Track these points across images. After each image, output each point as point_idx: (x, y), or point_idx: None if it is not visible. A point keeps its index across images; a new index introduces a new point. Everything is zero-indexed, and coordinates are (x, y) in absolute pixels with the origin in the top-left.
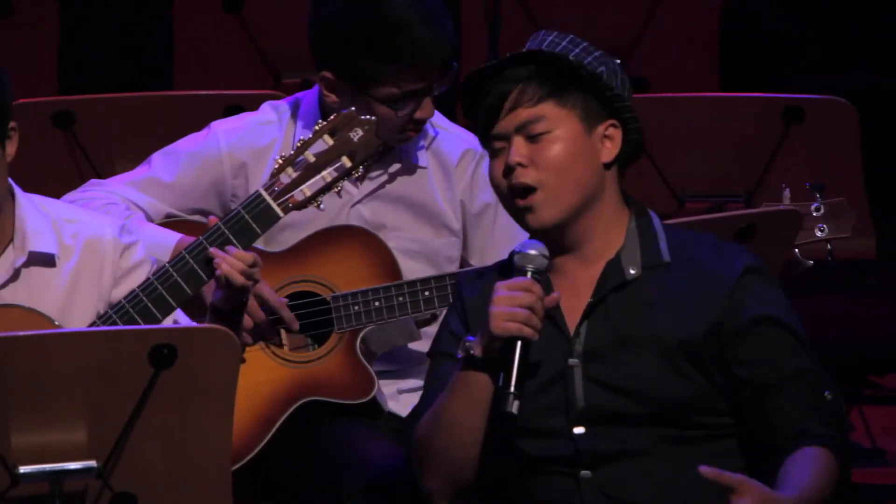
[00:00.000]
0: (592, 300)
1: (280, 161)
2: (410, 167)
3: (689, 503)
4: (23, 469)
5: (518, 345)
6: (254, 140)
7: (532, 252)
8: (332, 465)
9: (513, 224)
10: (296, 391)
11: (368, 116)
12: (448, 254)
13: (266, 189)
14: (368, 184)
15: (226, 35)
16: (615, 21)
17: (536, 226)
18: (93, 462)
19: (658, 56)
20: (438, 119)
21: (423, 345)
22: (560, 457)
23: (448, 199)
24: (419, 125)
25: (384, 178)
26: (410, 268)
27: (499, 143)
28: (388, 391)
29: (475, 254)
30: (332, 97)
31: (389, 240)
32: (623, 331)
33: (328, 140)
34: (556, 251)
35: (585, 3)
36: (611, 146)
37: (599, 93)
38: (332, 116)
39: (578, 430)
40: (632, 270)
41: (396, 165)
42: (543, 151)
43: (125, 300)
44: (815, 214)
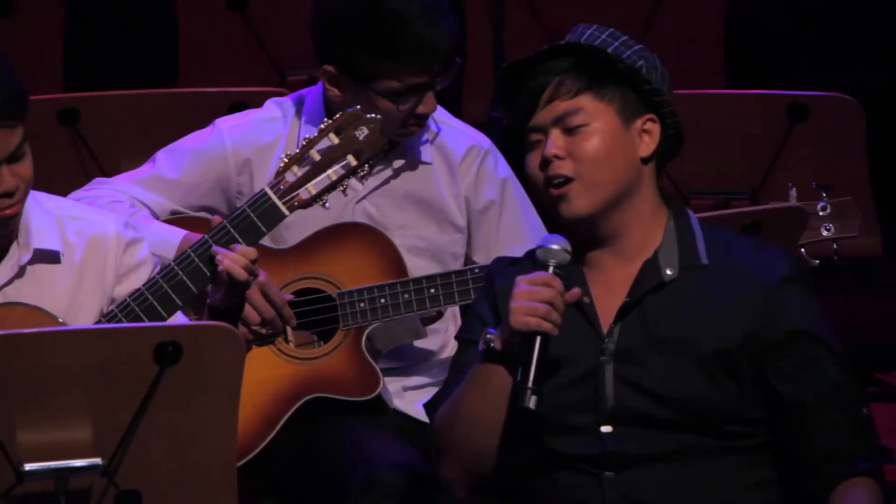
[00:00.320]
0: (628, 300)
1: (285, 160)
2: (415, 163)
3: None
4: (28, 466)
5: (537, 340)
6: (258, 137)
7: (554, 247)
8: (337, 462)
9: (518, 222)
10: (301, 388)
11: (374, 115)
12: (453, 250)
13: (272, 187)
14: (373, 180)
15: (230, 32)
16: (619, 18)
17: (570, 215)
18: (98, 459)
19: (662, 54)
20: (443, 115)
21: (429, 342)
22: (585, 455)
23: (453, 196)
24: (421, 120)
25: (389, 175)
26: (416, 265)
27: (535, 136)
28: (394, 388)
29: (479, 251)
30: (335, 91)
31: (395, 237)
32: (658, 333)
33: (334, 138)
34: (591, 244)
35: (589, 1)
36: (648, 140)
37: (638, 87)
38: (338, 115)
39: (606, 429)
40: (668, 271)
41: (401, 161)
42: (580, 144)
43: (130, 298)
44: (822, 214)
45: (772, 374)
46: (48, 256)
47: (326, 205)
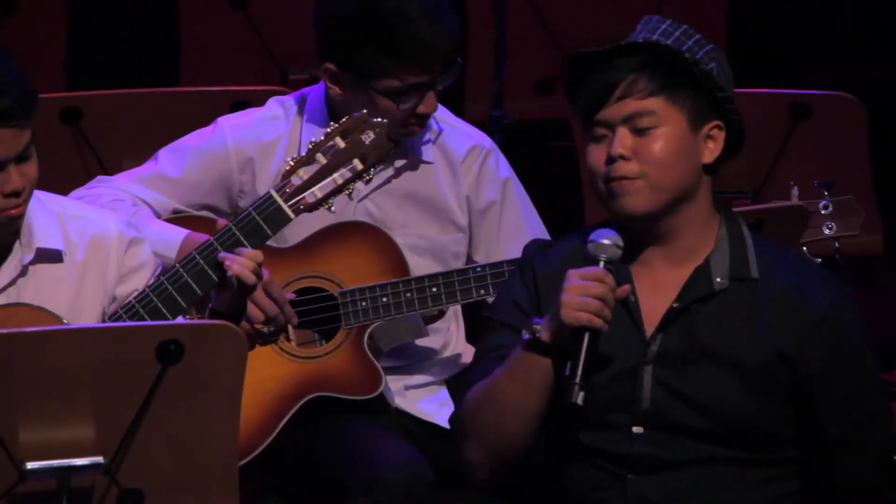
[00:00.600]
0: (677, 305)
1: (291, 163)
2: (417, 163)
3: None
4: (30, 465)
5: (587, 335)
6: (260, 135)
7: (606, 242)
8: (339, 461)
9: (518, 221)
10: (303, 387)
11: (381, 119)
12: (455, 250)
13: (277, 190)
14: (375, 179)
15: (233, 31)
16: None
17: (627, 211)
18: (100, 458)
19: None
20: (445, 115)
21: (431, 341)
22: (613, 453)
23: (454, 195)
24: (422, 120)
25: (391, 174)
26: (417, 264)
27: (601, 130)
28: (396, 387)
29: (480, 250)
30: (336, 90)
31: (396, 236)
32: (702, 342)
33: (340, 142)
34: (642, 243)
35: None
36: (713, 147)
37: (709, 92)
38: (345, 119)
39: (637, 430)
40: (719, 279)
41: (402, 161)
42: (648, 145)
43: (135, 300)
44: (824, 212)
45: (811, 399)
46: (51, 256)
47: (332, 208)
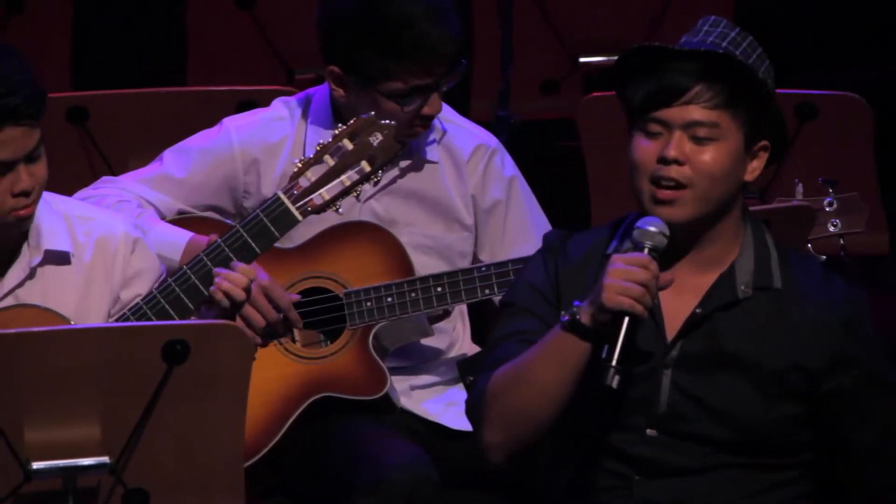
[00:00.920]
0: (700, 311)
1: (299, 164)
2: (422, 162)
3: None
4: (36, 465)
5: (626, 320)
6: (266, 136)
7: (652, 229)
8: (344, 462)
9: (523, 221)
10: (308, 387)
11: (388, 121)
12: (461, 249)
13: (285, 192)
14: (380, 179)
15: (239, 31)
16: (627, 18)
17: (668, 218)
18: (106, 458)
19: None
20: (449, 114)
21: (436, 341)
22: (624, 454)
23: (460, 194)
24: (426, 121)
25: (396, 174)
26: (423, 263)
27: (657, 127)
28: (401, 387)
29: (485, 250)
30: (340, 91)
31: (402, 235)
32: (723, 350)
33: (348, 144)
34: (669, 246)
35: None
36: (756, 165)
37: (767, 113)
38: (352, 120)
39: (651, 433)
40: (742, 287)
41: (408, 161)
42: (704, 156)
43: (142, 301)
44: (828, 209)
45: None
46: (58, 257)
47: (340, 210)
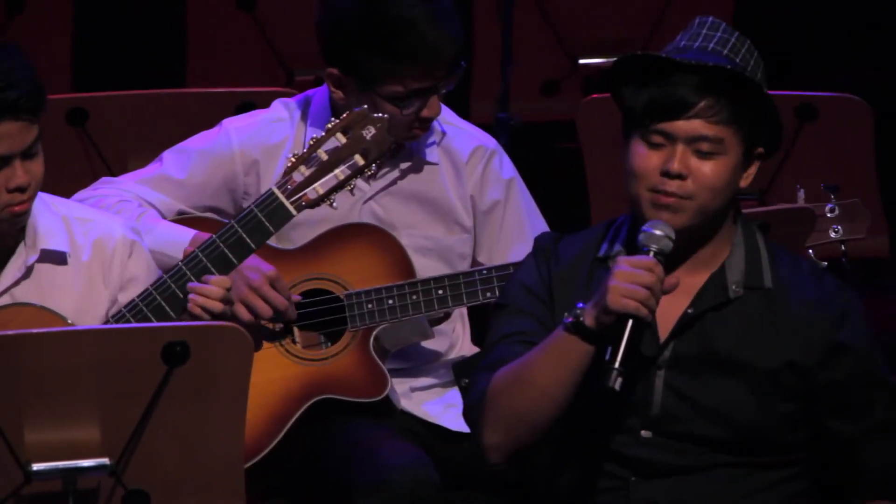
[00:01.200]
0: (691, 311)
1: (293, 159)
2: (422, 164)
3: None
4: (36, 466)
5: (630, 323)
6: (265, 137)
7: (658, 232)
8: (345, 463)
9: (520, 221)
10: (309, 389)
11: (381, 114)
12: (460, 251)
13: (279, 187)
14: (380, 181)
15: (239, 32)
16: (627, 18)
17: (671, 224)
18: (106, 459)
19: None
20: (449, 116)
21: (436, 343)
22: (620, 456)
23: (459, 196)
24: (425, 124)
25: (396, 175)
26: (423, 265)
27: (659, 138)
28: (401, 389)
29: (483, 251)
30: (339, 93)
31: (401, 237)
32: (715, 350)
33: (341, 138)
34: None
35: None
36: (752, 172)
37: (766, 123)
38: (345, 114)
39: (646, 434)
40: (734, 287)
41: (408, 162)
42: (706, 170)
43: (139, 298)
44: (830, 215)
45: (822, 407)
46: (55, 257)
47: (334, 204)
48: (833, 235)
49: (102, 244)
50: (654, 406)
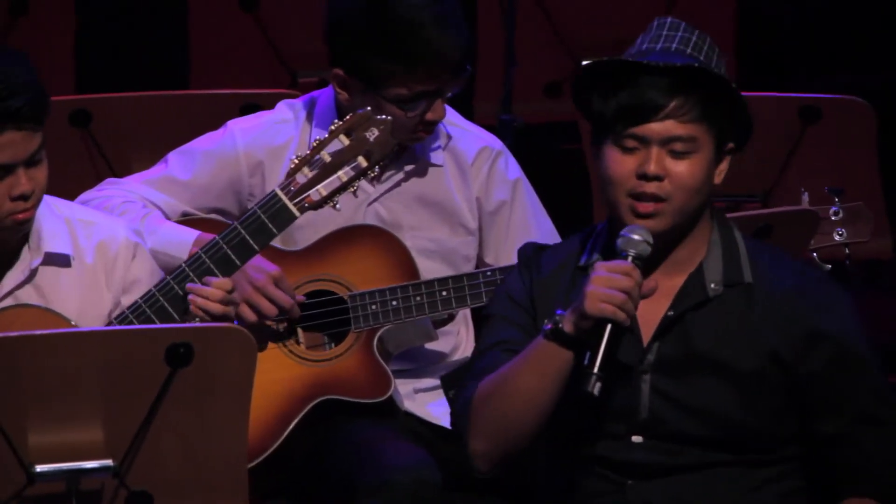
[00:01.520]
0: (671, 313)
1: (296, 161)
2: (427, 166)
3: None
4: (39, 468)
5: (608, 327)
6: (270, 139)
7: (636, 237)
8: (348, 464)
9: (527, 222)
10: (312, 390)
11: (384, 116)
12: (465, 253)
13: (282, 189)
14: (385, 183)
15: (242, 34)
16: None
17: (649, 229)
18: (109, 461)
19: None
20: (454, 117)
21: (440, 345)
22: (613, 461)
23: (465, 198)
24: (430, 127)
25: (400, 177)
26: (427, 267)
27: (632, 143)
28: (405, 390)
29: (489, 252)
30: (344, 95)
31: (406, 239)
32: (697, 349)
33: (344, 140)
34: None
35: (601, 2)
36: (724, 167)
37: (736, 118)
38: (349, 116)
39: (636, 439)
40: (713, 285)
41: (412, 165)
42: (681, 170)
43: (141, 299)
44: (834, 218)
45: (808, 401)
46: (59, 260)
47: (337, 206)
48: (837, 238)
49: (105, 247)
50: (642, 410)
